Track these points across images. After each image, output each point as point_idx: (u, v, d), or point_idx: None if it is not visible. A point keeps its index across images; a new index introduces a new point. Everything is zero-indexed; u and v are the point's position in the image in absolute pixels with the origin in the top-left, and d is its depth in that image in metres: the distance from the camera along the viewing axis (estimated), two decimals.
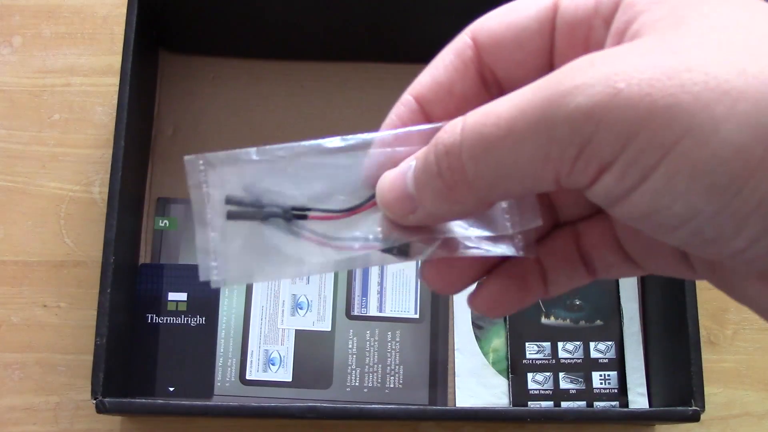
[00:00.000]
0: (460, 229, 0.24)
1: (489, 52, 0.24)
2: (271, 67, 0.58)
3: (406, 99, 0.25)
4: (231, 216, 0.24)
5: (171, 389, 0.52)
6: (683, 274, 0.24)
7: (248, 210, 0.24)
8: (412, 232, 0.24)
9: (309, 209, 0.24)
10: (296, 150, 0.24)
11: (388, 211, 0.24)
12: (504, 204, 0.24)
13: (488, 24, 0.24)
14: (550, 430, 0.54)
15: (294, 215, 0.24)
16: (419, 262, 0.54)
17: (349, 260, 0.24)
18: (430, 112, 0.24)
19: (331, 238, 0.24)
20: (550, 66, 0.23)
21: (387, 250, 0.24)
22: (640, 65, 0.18)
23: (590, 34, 0.22)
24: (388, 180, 0.23)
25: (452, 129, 0.21)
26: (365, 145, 0.24)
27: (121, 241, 0.48)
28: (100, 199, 0.55)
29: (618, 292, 0.55)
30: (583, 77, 0.18)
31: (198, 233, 0.24)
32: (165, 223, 0.55)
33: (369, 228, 0.24)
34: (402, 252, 0.24)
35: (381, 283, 0.55)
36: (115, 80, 0.50)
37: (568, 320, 0.54)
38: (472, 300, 0.25)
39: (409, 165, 0.23)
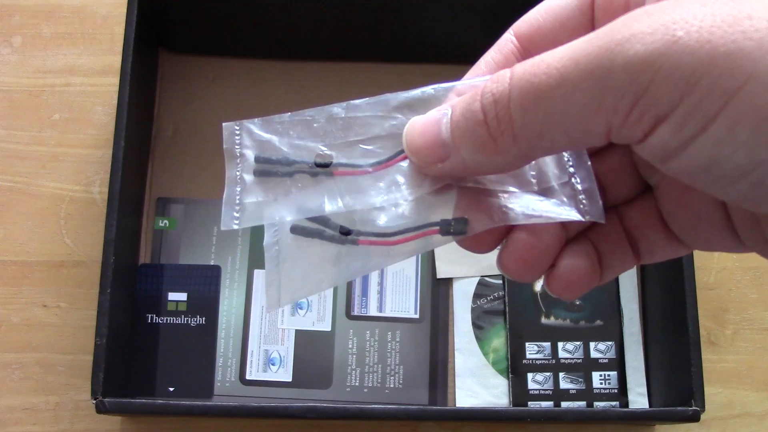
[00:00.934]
0: (492, 184, 0.24)
1: (531, 39, 0.24)
2: (271, 67, 0.58)
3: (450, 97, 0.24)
4: (257, 173, 0.25)
5: (171, 389, 0.52)
6: (732, 248, 0.24)
7: (274, 167, 0.25)
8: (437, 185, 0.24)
9: (333, 163, 0.25)
10: (326, 110, 0.25)
11: (416, 158, 0.23)
12: (532, 162, 0.24)
13: (528, 15, 0.24)
14: (550, 430, 0.54)
15: (319, 172, 0.24)
16: (420, 257, 0.53)
17: (404, 251, 0.24)
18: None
19: (385, 235, 0.24)
20: None
21: (444, 231, 0.24)
22: (699, 13, 0.18)
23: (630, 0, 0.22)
24: (419, 125, 0.23)
25: (501, 78, 0.21)
26: (389, 102, 0.25)
27: (121, 241, 0.48)
28: (100, 199, 0.55)
29: (618, 292, 0.55)
30: (640, 26, 0.18)
31: (226, 189, 0.25)
32: (165, 223, 0.55)
33: (393, 180, 0.24)
34: (459, 230, 0.24)
35: (381, 283, 0.55)
36: (115, 80, 0.50)
37: (568, 320, 0.54)
38: (549, 282, 0.25)
39: (443, 112, 0.22)
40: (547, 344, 0.54)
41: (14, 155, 0.56)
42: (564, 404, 0.53)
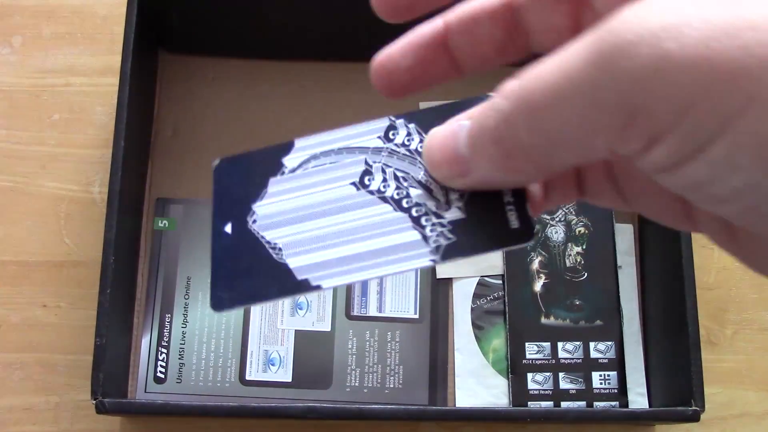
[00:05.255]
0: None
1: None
2: (271, 67, 0.58)
3: (437, 24, 0.24)
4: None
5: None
6: (679, 226, 0.23)
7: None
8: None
9: None
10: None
11: (436, 172, 0.23)
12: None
13: None
14: (550, 430, 0.54)
15: None
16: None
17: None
18: (454, 46, 0.24)
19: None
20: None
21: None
22: (694, 19, 0.16)
23: None
24: (438, 139, 0.22)
25: (504, 93, 0.20)
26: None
27: (121, 241, 0.48)
28: (100, 199, 0.55)
29: (618, 292, 0.55)
30: (629, 34, 0.16)
31: None
32: (164, 224, 0.55)
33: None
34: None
35: (381, 283, 0.55)
36: (115, 80, 0.50)
37: (567, 320, 0.54)
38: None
39: (461, 124, 0.22)
40: (546, 344, 0.54)
41: (14, 155, 0.56)
42: (564, 404, 0.53)
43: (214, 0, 0.53)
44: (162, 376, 0.52)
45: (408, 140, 0.25)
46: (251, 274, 0.25)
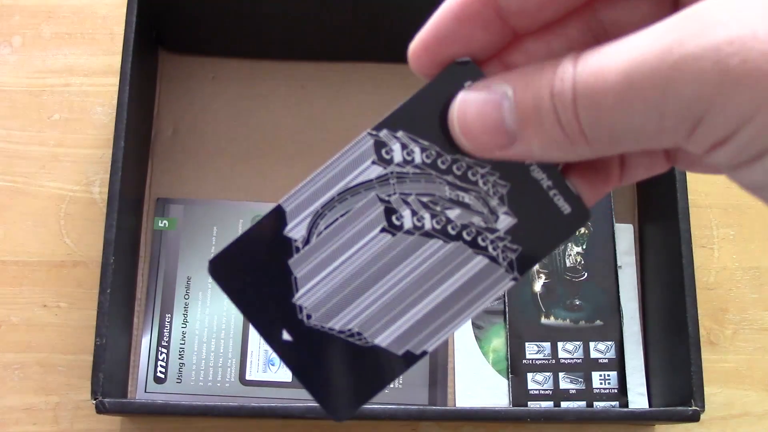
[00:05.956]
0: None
1: None
2: (271, 67, 0.58)
3: None
4: None
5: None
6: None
7: None
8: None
9: None
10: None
11: (470, 142, 0.21)
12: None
13: None
14: (550, 430, 0.54)
15: None
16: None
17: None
18: (504, 5, 0.21)
19: None
20: None
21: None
22: (760, 31, 0.16)
23: None
24: (476, 107, 0.21)
25: (569, 78, 0.19)
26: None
27: (121, 241, 0.48)
28: (100, 199, 0.55)
29: (618, 292, 0.55)
30: (694, 47, 0.17)
31: None
32: (164, 224, 0.55)
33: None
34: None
35: None
36: (115, 80, 0.50)
37: (568, 320, 0.54)
38: None
39: (504, 93, 0.20)
40: (546, 344, 0.54)
41: (14, 155, 0.56)
42: (564, 404, 0.53)
43: (214, 0, 0.53)
44: (162, 376, 0.52)
45: (409, 155, 0.22)
46: (351, 372, 0.22)
